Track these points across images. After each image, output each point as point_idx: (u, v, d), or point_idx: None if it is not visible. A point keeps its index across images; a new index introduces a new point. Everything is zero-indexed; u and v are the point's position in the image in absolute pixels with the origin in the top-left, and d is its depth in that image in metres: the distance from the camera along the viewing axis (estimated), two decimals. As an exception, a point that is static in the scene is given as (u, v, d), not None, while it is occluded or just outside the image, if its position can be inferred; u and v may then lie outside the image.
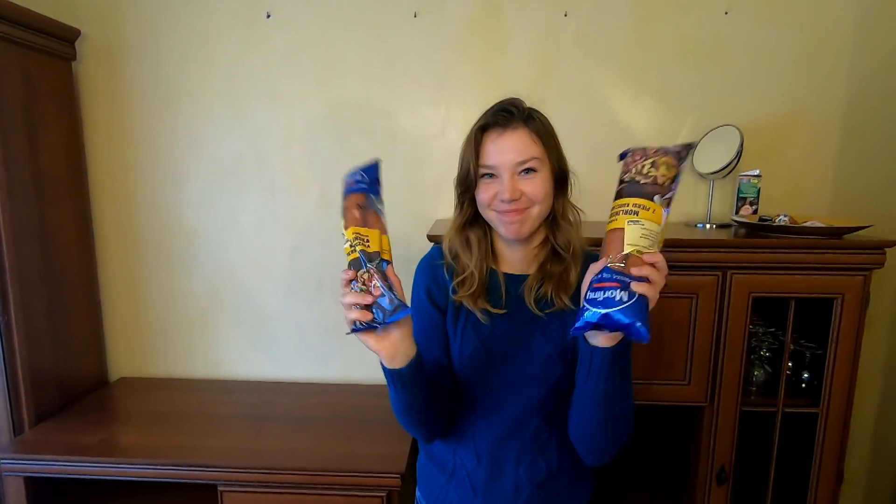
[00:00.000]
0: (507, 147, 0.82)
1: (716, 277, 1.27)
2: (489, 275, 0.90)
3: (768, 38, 1.51)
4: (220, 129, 1.64)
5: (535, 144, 0.83)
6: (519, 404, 0.88)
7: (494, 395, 0.89)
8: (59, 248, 1.54)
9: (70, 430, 1.41)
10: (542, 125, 0.84)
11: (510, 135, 0.83)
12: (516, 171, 0.82)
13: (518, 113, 0.83)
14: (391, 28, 1.56)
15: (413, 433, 0.92)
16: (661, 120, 1.57)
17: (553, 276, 0.87)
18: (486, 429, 0.90)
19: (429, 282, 0.93)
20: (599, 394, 0.76)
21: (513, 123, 0.83)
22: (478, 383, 0.89)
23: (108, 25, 1.59)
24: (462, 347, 0.89)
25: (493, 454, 0.89)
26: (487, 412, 0.90)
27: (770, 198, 1.55)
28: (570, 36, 1.55)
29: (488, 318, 0.88)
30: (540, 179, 0.83)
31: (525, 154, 0.82)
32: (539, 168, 0.83)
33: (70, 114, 1.58)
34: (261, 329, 1.75)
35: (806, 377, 1.40)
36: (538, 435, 0.88)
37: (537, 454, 0.88)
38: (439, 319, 0.91)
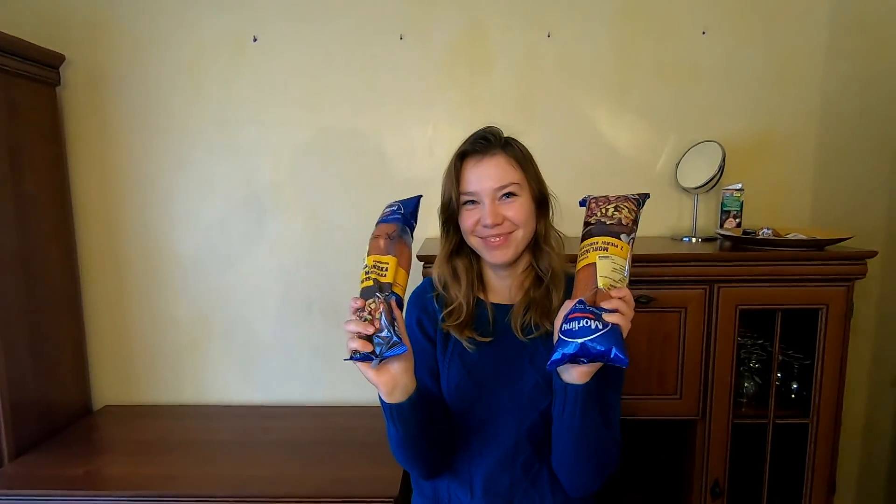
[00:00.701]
0: (487, 173, 0.84)
1: (703, 291, 1.28)
2: (476, 305, 0.91)
3: (745, 57, 1.56)
4: (208, 153, 1.63)
5: (514, 169, 0.85)
6: (510, 434, 0.86)
7: (485, 425, 0.88)
8: (43, 275, 1.51)
9: (52, 463, 1.37)
10: (519, 151, 0.87)
11: (489, 161, 0.85)
12: (497, 196, 0.84)
13: (495, 140, 0.86)
14: (377, 50, 1.58)
15: (409, 468, 0.90)
16: (645, 137, 1.61)
17: (536, 302, 0.87)
18: (479, 461, 0.88)
19: (419, 312, 0.94)
20: (575, 429, 0.75)
21: (490, 150, 0.85)
22: (467, 413, 0.88)
23: (93, 51, 1.59)
24: (450, 377, 0.89)
25: (487, 487, 0.87)
26: (479, 444, 0.88)
27: (753, 210, 1.58)
28: (553, 57, 1.58)
29: (475, 346, 0.88)
30: (520, 204, 0.85)
31: (504, 179, 0.84)
32: (519, 192, 0.85)
33: (54, 140, 1.56)
34: (250, 353, 1.73)
35: (795, 388, 1.42)
36: (530, 466, 0.87)
37: (529, 486, 0.86)
38: (430, 350, 0.92)
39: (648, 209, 1.60)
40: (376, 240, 0.78)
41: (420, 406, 0.77)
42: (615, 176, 1.61)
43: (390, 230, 0.78)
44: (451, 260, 0.91)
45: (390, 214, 0.80)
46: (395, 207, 0.81)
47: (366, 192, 1.64)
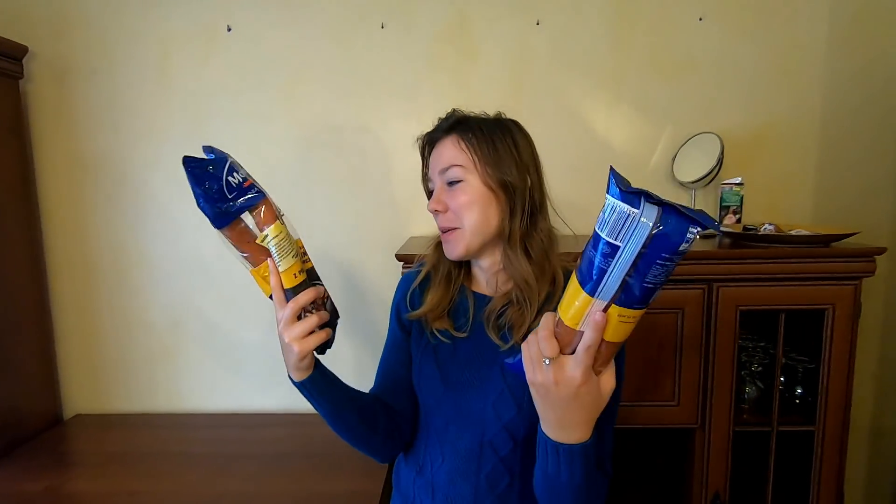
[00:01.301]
0: (436, 156, 0.80)
1: (702, 291, 1.21)
2: (460, 292, 0.85)
3: (743, 46, 1.48)
4: (179, 149, 1.50)
5: (460, 152, 0.76)
6: (472, 441, 0.79)
7: (448, 426, 0.81)
8: (6, 278, 1.43)
9: (13, 477, 1.28)
10: (479, 131, 0.77)
11: (440, 143, 0.79)
12: (444, 182, 0.78)
13: (449, 121, 0.80)
14: (358, 40, 1.51)
15: (356, 447, 0.86)
16: (640, 129, 1.53)
17: (515, 305, 0.78)
18: (441, 461, 0.82)
19: (400, 298, 0.89)
20: (572, 488, 0.64)
21: (444, 132, 0.79)
22: (433, 410, 0.83)
23: (57, 42, 1.51)
24: (420, 369, 0.84)
25: (447, 492, 0.80)
26: (441, 443, 0.82)
27: (753, 206, 1.50)
28: (543, 45, 1.50)
29: (450, 340, 0.82)
30: (463, 191, 0.76)
31: (447, 161, 0.77)
32: (464, 177, 0.76)
33: (17, 136, 1.48)
34: (227, 359, 1.65)
35: (799, 392, 1.34)
36: (495, 481, 0.78)
37: (496, 500, 0.78)
38: (403, 338, 0.87)
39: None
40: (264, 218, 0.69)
41: (327, 383, 0.77)
42: (608, 170, 1.53)
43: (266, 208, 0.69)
44: (438, 248, 0.85)
45: (248, 198, 0.68)
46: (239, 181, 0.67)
47: (346, 188, 1.56)
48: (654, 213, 0.49)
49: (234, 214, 0.67)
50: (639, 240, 0.50)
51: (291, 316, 0.69)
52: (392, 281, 0.96)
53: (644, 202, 0.50)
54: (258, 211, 0.68)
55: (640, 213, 0.50)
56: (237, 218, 0.68)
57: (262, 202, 0.68)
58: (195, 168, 0.65)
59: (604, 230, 0.52)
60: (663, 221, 0.49)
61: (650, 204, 0.50)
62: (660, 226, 0.49)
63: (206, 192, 0.65)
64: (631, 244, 0.51)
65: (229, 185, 0.66)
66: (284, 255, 0.69)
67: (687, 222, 0.49)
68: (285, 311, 0.69)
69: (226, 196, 0.66)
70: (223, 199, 0.66)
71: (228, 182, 0.66)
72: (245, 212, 0.68)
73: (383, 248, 1.56)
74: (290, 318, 0.69)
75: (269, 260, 0.69)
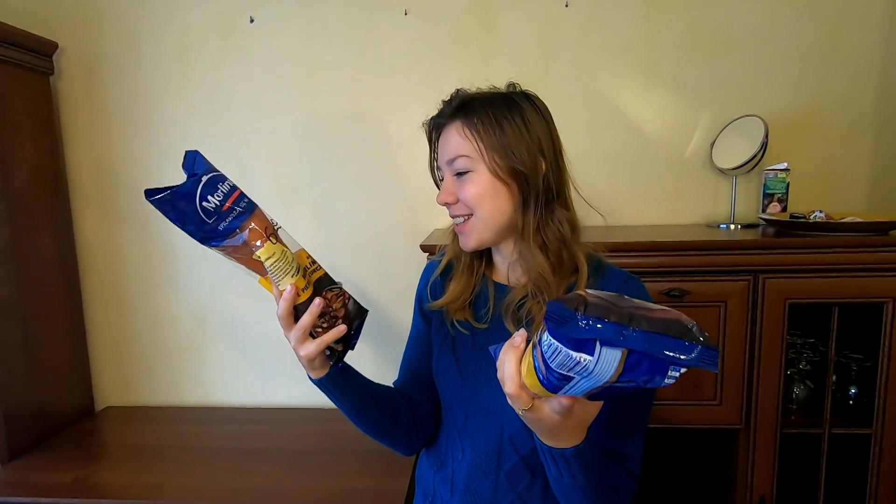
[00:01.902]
0: (442, 145, 0.74)
1: (746, 283, 1.13)
2: (481, 282, 0.81)
3: (789, 19, 1.38)
4: (203, 142, 1.55)
5: (465, 140, 0.70)
6: (492, 437, 0.75)
7: (468, 420, 0.78)
8: (37, 272, 1.45)
9: (44, 468, 1.30)
10: (485, 115, 0.70)
11: (446, 131, 0.74)
12: (452, 172, 0.73)
13: (453, 105, 0.74)
14: (380, 28, 1.47)
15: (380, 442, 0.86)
16: (676, 114, 1.45)
17: (534, 298, 0.73)
18: (461, 457, 0.79)
19: (422, 289, 0.87)
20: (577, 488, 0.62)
21: (449, 117, 0.74)
22: (452, 404, 0.80)
23: (86, 38, 1.52)
24: (439, 361, 0.81)
25: (468, 488, 0.77)
26: (462, 439, 0.79)
27: (798, 194, 1.40)
28: (571, 28, 1.44)
29: (469, 331, 0.78)
30: (472, 182, 0.71)
31: (452, 152, 0.72)
32: (472, 168, 0.71)
33: (48, 131, 1.50)
34: (253, 353, 1.64)
35: (853, 393, 1.25)
36: (516, 479, 0.75)
37: (516, 498, 0.75)
38: (424, 329, 0.85)
39: (678, 193, 1.48)
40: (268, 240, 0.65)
41: (347, 378, 0.77)
42: (641, 160, 1.46)
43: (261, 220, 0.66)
44: (456, 237, 0.81)
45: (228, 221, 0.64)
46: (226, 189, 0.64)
47: (369, 179, 1.53)
48: (615, 360, 0.38)
49: (220, 238, 0.64)
50: (597, 381, 0.41)
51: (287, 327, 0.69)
52: (416, 272, 0.93)
53: (601, 347, 0.38)
54: (247, 231, 0.64)
55: (597, 359, 0.39)
56: (225, 240, 0.65)
57: (247, 222, 0.64)
58: (158, 202, 0.61)
59: (552, 361, 0.42)
60: (631, 367, 0.39)
61: (610, 349, 0.38)
62: (626, 372, 0.39)
63: (182, 222, 0.62)
64: (588, 381, 0.41)
65: (206, 210, 0.62)
66: (283, 276, 0.66)
67: (665, 365, 0.38)
68: (291, 334, 0.69)
69: (205, 221, 0.62)
70: (203, 224, 0.63)
71: (204, 208, 0.62)
72: (232, 234, 0.64)
73: (407, 239, 1.52)
74: (286, 329, 0.70)
75: (269, 278, 0.67)
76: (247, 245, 0.64)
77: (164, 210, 0.61)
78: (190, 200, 0.61)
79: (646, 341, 0.37)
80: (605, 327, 0.37)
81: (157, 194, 0.60)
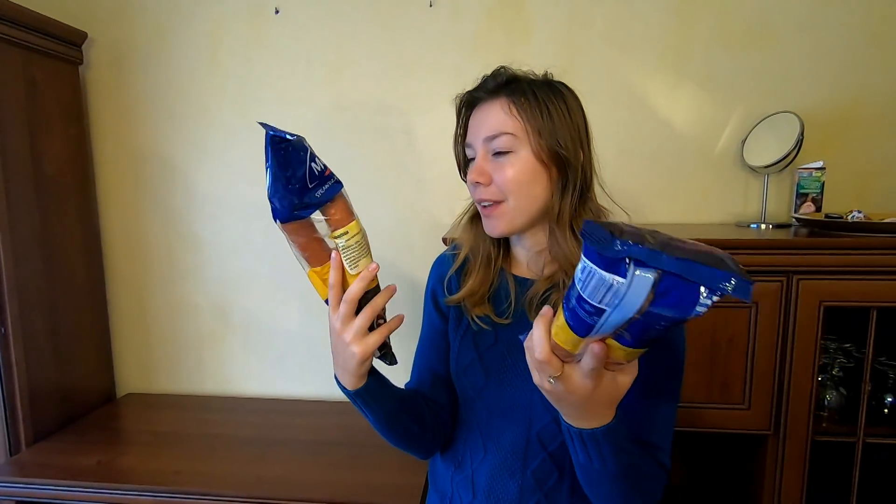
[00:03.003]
0: (481, 120, 0.70)
1: (779, 284, 1.09)
2: (499, 276, 0.77)
3: (828, 12, 1.33)
4: (230, 133, 1.56)
5: (512, 118, 0.67)
6: (518, 434, 0.73)
7: (492, 418, 0.75)
8: (64, 259, 1.48)
9: (67, 451, 1.32)
10: (531, 94, 0.68)
11: (486, 106, 0.70)
12: (489, 150, 0.69)
13: (498, 81, 0.70)
14: (405, 20, 1.46)
15: (403, 450, 0.81)
16: (707, 110, 1.41)
17: (561, 290, 0.71)
18: (482, 457, 0.76)
19: (435, 283, 0.83)
20: (606, 474, 0.60)
21: (490, 93, 0.70)
22: (474, 402, 0.77)
23: (116, 28, 1.54)
24: (459, 358, 0.77)
25: (491, 490, 0.74)
26: (484, 438, 0.76)
27: (835, 194, 1.35)
28: (600, 21, 1.41)
29: (491, 327, 0.75)
30: (512, 164, 0.68)
31: (495, 129, 0.68)
32: (514, 149, 0.67)
33: (77, 120, 1.53)
34: (272, 344, 1.65)
35: (889, 401, 1.20)
36: (543, 477, 0.72)
37: (542, 498, 0.72)
38: (441, 325, 0.81)
39: (707, 191, 1.44)
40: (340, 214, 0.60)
41: (382, 387, 0.71)
42: (670, 155, 1.43)
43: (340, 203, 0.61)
44: (472, 222, 0.78)
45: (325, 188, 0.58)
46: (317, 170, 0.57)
47: (394, 173, 1.52)
48: (648, 283, 0.38)
49: (312, 208, 0.58)
50: (629, 310, 0.40)
51: (348, 313, 0.62)
52: (433, 251, 0.91)
53: (634, 269, 0.38)
54: (334, 205, 0.59)
55: (629, 283, 0.38)
56: (312, 213, 0.59)
57: (339, 195, 0.60)
58: (281, 148, 0.54)
59: (584, 290, 0.41)
60: (663, 293, 0.38)
61: (643, 269, 0.38)
62: (658, 299, 0.38)
63: (287, 180, 0.55)
64: (619, 312, 0.40)
65: (311, 172, 0.56)
66: (362, 256, 0.62)
67: (696, 290, 0.37)
68: (342, 309, 0.62)
69: (307, 186, 0.56)
70: (304, 189, 0.56)
71: (311, 169, 0.56)
72: (322, 206, 0.59)
73: (429, 232, 1.51)
74: (346, 316, 0.62)
75: (334, 253, 0.61)
76: (330, 222, 0.59)
77: (277, 154, 0.54)
78: (304, 155, 0.55)
79: (679, 265, 0.37)
80: (639, 248, 0.38)
81: (281, 140, 0.54)
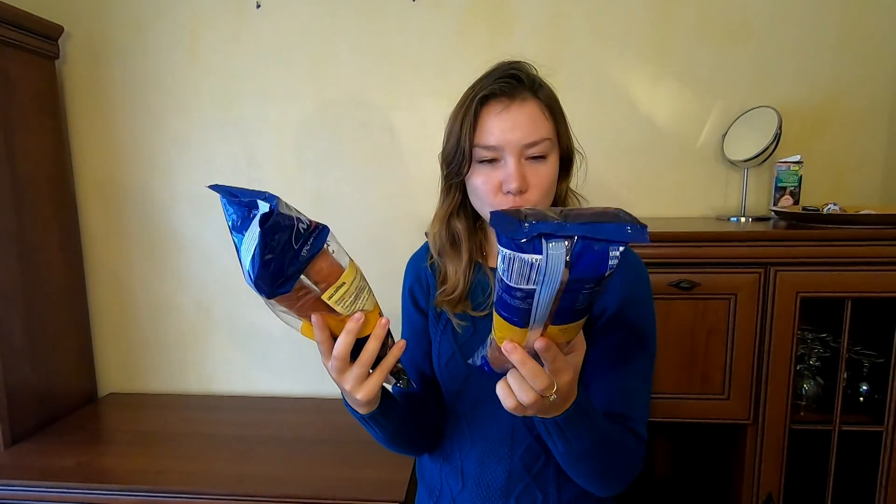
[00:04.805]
0: (516, 123, 0.66)
1: (757, 275, 1.10)
2: (475, 270, 0.77)
3: (806, 9, 1.35)
4: (210, 130, 1.54)
5: (548, 122, 0.68)
6: (504, 422, 0.74)
7: (476, 409, 0.76)
8: (41, 258, 1.45)
9: (46, 452, 1.30)
10: (553, 97, 0.71)
11: (518, 108, 0.67)
12: (524, 156, 0.67)
13: (527, 80, 0.69)
14: (387, 14, 1.45)
15: (399, 453, 0.81)
16: (687, 104, 1.42)
17: None
18: (469, 447, 0.77)
19: (412, 281, 0.83)
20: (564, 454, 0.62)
21: (521, 94, 0.67)
22: (459, 394, 0.77)
23: (93, 22, 1.51)
24: (440, 353, 0.78)
25: (480, 477, 0.76)
26: (470, 429, 0.77)
27: (813, 187, 1.38)
28: (581, 16, 1.41)
29: (469, 321, 0.76)
30: (547, 169, 0.68)
31: (536, 134, 0.66)
32: (549, 153, 0.68)
33: (53, 116, 1.50)
34: (256, 341, 1.64)
35: (865, 390, 1.22)
36: (530, 461, 0.74)
37: (531, 482, 0.74)
38: (421, 323, 0.81)
39: (688, 185, 1.46)
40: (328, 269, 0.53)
41: (392, 406, 0.69)
42: (651, 151, 1.44)
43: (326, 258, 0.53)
44: (449, 222, 0.77)
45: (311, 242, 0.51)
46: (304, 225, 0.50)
47: (375, 169, 1.52)
48: (561, 252, 0.41)
49: (299, 272, 0.51)
50: (554, 283, 0.43)
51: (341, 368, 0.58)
52: (414, 243, 0.91)
53: (547, 242, 0.41)
54: (323, 257, 0.52)
55: (546, 257, 0.42)
56: (303, 273, 0.51)
57: (323, 248, 0.53)
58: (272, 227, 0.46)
59: (510, 278, 0.44)
60: (577, 258, 0.41)
61: (555, 241, 0.41)
62: (576, 265, 0.42)
63: (277, 258, 0.48)
64: (546, 287, 0.43)
65: (298, 233, 0.49)
66: (366, 298, 0.56)
67: (605, 246, 0.41)
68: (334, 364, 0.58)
69: (294, 250, 0.49)
70: (293, 257, 0.49)
71: (298, 230, 0.49)
72: (310, 263, 0.51)
73: (413, 228, 1.51)
74: (340, 370, 0.58)
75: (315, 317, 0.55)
76: (317, 278, 0.52)
77: (268, 235, 0.46)
78: (290, 220, 0.48)
79: (584, 229, 0.41)
80: (545, 224, 0.41)
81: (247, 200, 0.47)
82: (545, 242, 0.41)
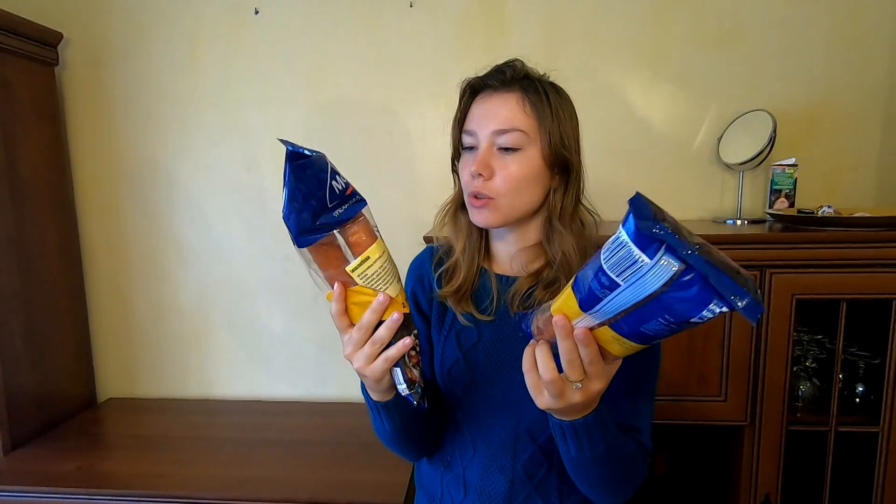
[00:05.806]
0: (491, 111, 0.68)
1: (753, 277, 1.11)
2: (480, 274, 0.77)
3: (798, 11, 1.37)
4: (210, 135, 1.55)
5: (525, 115, 0.67)
6: (507, 430, 0.74)
7: (479, 416, 0.75)
8: (41, 263, 1.46)
9: (46, 457, 1.30)
10: (543, 94, 0.69)
11: (498, 97, 0.69)
12: (495, 143, 0.68)
13: (513, 74, 0.70)
14: (385, 19, 1.46)
15: (397, 453, 0.80)
16: (682, 108, 1.44)
17: (545, 285, 0.72)
18: (472, 456, 0.76)
19: (415, 284, 0.83)
20: (586, 461, 0.62)
21: (506, 86, 0.69)
22: (461, 401, 0.77)
23: (92, 29, 1.52)
24: (444, 359, 0.77)
25: (481, 486, 0.75)
26: (473, 436, 0.76)
27: (807, 189, 1.39)
28: (577, 21, 1.43)
29: (474, 324, 0.75)
30: (519, 163, 0.67)
31: (508, 123, 0.67)
32: (524, 147, 0.67)
33: (53, 122, 1.50)
34: (255, 346, 1.64)
35: (861, 391, 1.23)
36: (534, 470, 0.73)
37: (533, 490, 0.73)
38: (423, 328, 0.80)
39: (684, 188, 1.47)
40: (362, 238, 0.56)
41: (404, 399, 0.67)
42: (648, 153, 1.45)
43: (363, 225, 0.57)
44: (457, 215, 0.77)
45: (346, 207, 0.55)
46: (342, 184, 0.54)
47: (374, 173, 1.53)
48: (670, 271, 0.39)
49: (329, 228, 0.54)
50: (641, 292, 0.41)
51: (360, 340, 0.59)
52: (413, 250, 0.91)
53: (663, 254, 0.39)
54: (354, 225, 0.55)
55: (653, 265, 0.39)
56: (329, 233, 0.54)
57: (360, 214, 0.56)
58: (298, 165, 0.51)
59: (607, 261, 0.43)
60: (680, 285, 0.39)
61: (671, 257, 0.39)
62: (672, 289, 0.39)
63: (304, 200, 0.52)
64: (631, 291, 0.41)
65: (332, 191, 0.53)
66: (389, 282, 0.57)
67: (712, 294, 0.38)
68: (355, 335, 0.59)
69: (326, 206, 0.53)
70: (323, 209, 0.53)
71: (332, 188, 0.53)
72: (341, 225, 0.55)
73: (410, 231, 1.51)
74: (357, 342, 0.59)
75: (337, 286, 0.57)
76: (349, 244, 0.55)
77: (294, 173, 0.51)
78: (324, 173, 0.52)
79: (706, 266, 0.38)
80: (675, 237, 0.38)
81: (298, 149, 0.51)
82: (662, 252, 0.39)
